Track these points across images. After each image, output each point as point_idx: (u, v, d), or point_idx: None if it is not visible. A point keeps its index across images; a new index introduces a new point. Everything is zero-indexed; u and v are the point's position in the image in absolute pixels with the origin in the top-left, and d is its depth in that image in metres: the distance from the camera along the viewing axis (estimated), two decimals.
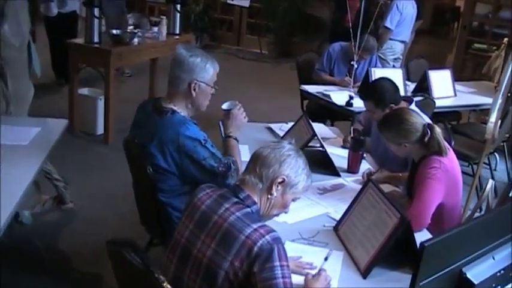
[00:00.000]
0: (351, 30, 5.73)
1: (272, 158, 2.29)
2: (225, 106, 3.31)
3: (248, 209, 2.23)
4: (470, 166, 5.53)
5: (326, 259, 2.56)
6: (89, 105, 6.44)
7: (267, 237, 2.09)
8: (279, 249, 2.09)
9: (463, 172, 5.81)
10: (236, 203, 2.23)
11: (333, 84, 5.95)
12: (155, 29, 6.92)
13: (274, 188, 2.28)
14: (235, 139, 3.24)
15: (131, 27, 6.98)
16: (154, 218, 3.17)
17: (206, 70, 3.07)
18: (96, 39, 6.08)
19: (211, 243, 2.15)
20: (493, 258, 1.93)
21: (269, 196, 2.30)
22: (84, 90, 6.58)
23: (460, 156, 5.49)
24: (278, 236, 2.14)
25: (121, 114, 5.78)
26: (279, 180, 2.28)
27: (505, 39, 8.05)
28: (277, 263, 2.07)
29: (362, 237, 2.63)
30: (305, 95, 5.97)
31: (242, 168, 3.02)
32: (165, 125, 3.00)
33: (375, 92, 3.79)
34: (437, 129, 3.14)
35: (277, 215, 2.42)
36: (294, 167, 2.30)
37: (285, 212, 2.43)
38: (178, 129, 2.97)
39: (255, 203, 2.27)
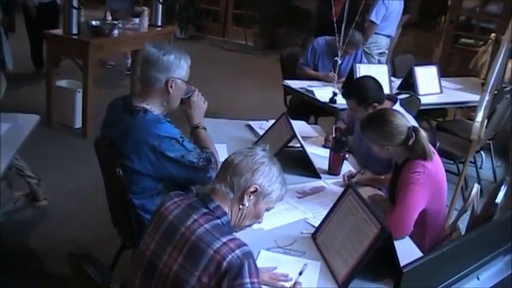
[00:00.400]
0: (335, 24, 5.59)
1: (244, 166, 2.15)
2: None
3: (218, 221, 2.09)
4: (455, 164, 5.42)
5: (301, 273, 2.43)
6: (67, 98, 6.28)
7: (237, 251, 1.96)
8: (249, 265, 1.96)
9: (448, 171, 5.73)
10: (205, 214, 2.09)
11: (317, 79, 5.83)
12: (136, 20, 6.76)
13: (246, 197, 2.15)
14: (204, 128, 3.14)
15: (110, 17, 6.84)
16: (125, 220, 3.04)
17: (181, 67, 2.96)
18: (74, 30, 5.91)
19: (178, 257, 2.02)
20: (478, 279, 1.81)
21: (241, 206, 2.17)
22: (62, 82, 6.42)
23: (446, 155, 5.42)
24: (249, 250, 2.01)
25: (100, 107, 5.60)
26: (252, 189, 2.15)
27: (492, 35, 7.94)
28: (247, 280, 1.94)
29: (340, 246, 2.51)
30: (288, 90, 5.83)
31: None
32: (138, 125, 2.86)
33: (357, 90, 3.67)
34: (423, 133, 3.02)
35: (249, 225, 2.29)
36: (267, 176, 2.17)
37: (258, 222, 2.30)
38: (152, 129, 2.84)
39: (225, 213, 2.14)
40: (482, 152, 6.25)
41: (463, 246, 1.76)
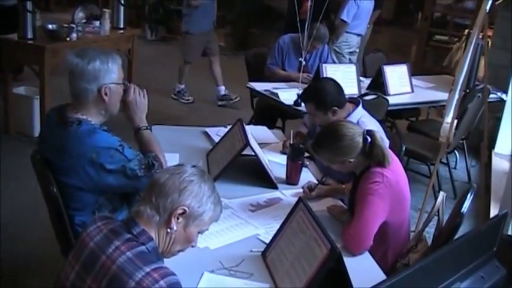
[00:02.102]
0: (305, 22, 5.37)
1: (170, 186, 1.93)
2: None
3: (143, 247, 1.87)
4: (428, 166, 5.25)
5: None
6: (24, 105, 6.01)
7: (161, 282, 1.75)
8: None
9: (420, 173, 5.64)
10: (128, 240, 1.87)
11: (288, 79, 5.58)
12: (97, 23, 6.51)
13: (173, 220, 1.94)
14: (147, 128, 2.91)
15: (83, 20, 6.58)
16: (65, 239, 2.82)
17: (111, 70, 2.72)
18: (30, 35, 5.66)
19: None
20: None
21: (168, 230, 1.95)
22: (20, 89, 6.16)
23: (416, 156, 5.26)
24: (176, 280, 1.80)
25: None
26: (179, 211, 1.93)
27: (467, 31, 7.79)
28: None
29: (290, 267, 2.29)
30: (253, 93, 5.62)
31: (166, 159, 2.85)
32: (72, 137, 2.65)
33: (316, 94, 3.47)
34: (378, 135, 2.81)
35: (182, 250, 2.07)
36: (197, 195, 1.95)
37: (192, 246, 2.07)
38: (88, 141, 2.63)
39: (151, 239, 1.92)
40: (456, 152, 6.07)
41: (412, 277, 1.54)
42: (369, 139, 2.77)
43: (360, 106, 3.56)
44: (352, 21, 7.03)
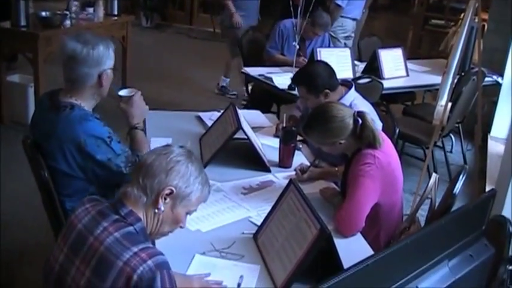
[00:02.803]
0: (302, 7, 5.34)
1: (157, 167, 1.93)
2: (123, 92, 2.96)
3: (130, 228, 1.87)
4: (423, 150, 5.24)
5: (239, 285, 2.21)
6: (19, 93, 5.99)
7: (149, 262, 1.75)
8: (162, 277, 1.75)
9: (415, 157, 5.63)
10: (116, 221, 1.87)
11: (286, 64, 5.56)
12: (91, 9, 6.48)
13: (161, 201, 1.93)
14: (142, 130, 2.93)
15: (76, 8, 6.53)
16: (58, 226, 2.81)
17: (110, 56, 2.77)
18: (23, 23, 5.61)
19: (86, 271, 1.80)
20: None
21: (156, 211, 1.95)
22: (14, 77, 6.14)
23: (411, 140, 5.25)
24: (164, 260, 1.80)
25: None
26: (166, 191, 1.93)
27: (462, 14, 7.75)
28: None
29: (280, 249, 2.29)
30: (248, 78, 5.60)
31: None
32: (63, 122, 2.65)
33: (307, 77, 3.46)
34: (369, 117, 2.80)
35: (170, 231, 2.06)
36: (184, 176, 1.95)
37: (181, 227, 2.07)
38: (78, 127, 2.64)
39: (139, 219, 1.91)
40: (452, 136, 6.06)
41: (399, 253, 1.54)
42: (360, 120, 2.76)
43: (353, 89, 3.54)
44: (346, 6, 6.98)
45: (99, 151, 2.64)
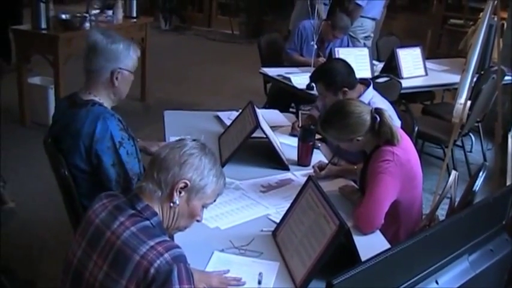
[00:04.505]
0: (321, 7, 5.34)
1: (171, 160, 1.94)
2: None
3: (147, 222, 1.89)
4: (442, 149, 5.21)
5: (260, 283, 2.21)
6: (39, 95, 6.06)
7: (166, 255, 1.76)
8: (179, 270, 1.76)
9: (435, 156, 5.60)
10: (133, 216, 1.88)
11: (305, 65, 5.55)
12: (109, 12, 6.52)
13: (175, 194, 1.94)
14: None
15: (97, 11, 6.58)
16: (77, 222, 2.82)
17: (130, 57, 2.78)
18: (43, 25, 5.68)
19: (104, 265, 1.82)
20: (436, 283, 1.59)
21: (171, 205, 1.95)
22: (35, 79, 6.23)
23: (431, 139, 5.23)
24: (180, 253, 1.81)
25: None
26: (181, 185, 1.93)
27: (481, 13, 7.69)
28: (176, 287, 1.74)
29: (299, 245, 2.29)
30: (266, 78, 5.61)
31: None
32: (82, 117, 2.68)
33: (325, 74, 3.46)
34: (386, 113, 2.79)
35: (187, 226, 2.07)
36: (198, 168, 1.95)
37: (198, 221, 2.08)
38: (96, 123, 2.65)
39: (155, 214, 1.92)
40: (471, 135, 6.02)
41: (416, 247, 1.53)
42: (377, 117, 2.75)
43: (371, 87, 3.53)
44: (366, 5, 6.95)
45: (106, 154, 2.65)
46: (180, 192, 1.95)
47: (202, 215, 2.07)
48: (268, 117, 3.75)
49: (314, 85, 3.57)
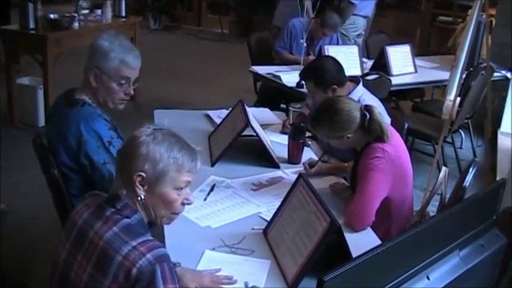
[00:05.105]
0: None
1: (123, 158, 1.93)
2: None
3: (128, 220, 1.87)
4: (432, 146, 5.23)
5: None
6: (29, 95, 6.06)
7: (148, 256, 1.75)
8: (163, 270, 1.75)
9: (425, 153, 5.62)
10: (113, 214, 1.87)
11: (295, 63, 5.54)
12: (98, 11, 6.50)
13: (137, 189, 1.90)
14: None
15: (86, 11, 6.56)
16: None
17: (108, 59, 2.67)
18: (31, 25, 5.68)
19: (88, 266, 1.81)
20: (428, 278, 1.59)
21: (139, 199, 1.92)
22: (24, 80, 6.21)
23: (421, 136, 5.24)
24: (163, 253, 1.80)
25: None
26: (138, 179, 1.89)
27: (470, 11, 7.71)
28: (161, 287, 1.74)
29: (290, 243, 2.29)
30: (256, 76, 5.61)
31: None
32: (71, 116, 2.66)
33: (315, 71, 3.45)
34: (376, 110, 2.79)
35: (175, 212, 2.01)
36: (147, 157, 1.88)
37: (187, 204, 2.03)
38: (83, 124, 2.64)
39: (135, 212, 1.90)
40: (461, 132, 6.05)
41: (407, 242, 1.53)
42: (367, 114, 2.75)
43: (361, 84, 3.53)
44: (359, 3, 6.94)
45: (97, 152, 2.63)
46: (142, 186, 1.90)
47: (189, 197, 2.02)
48: (258, 115, 3.74)
49: (304, 83, 3.55)
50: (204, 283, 2.14)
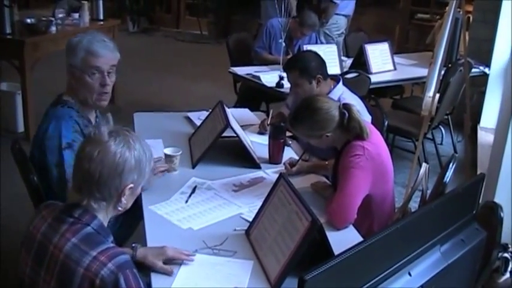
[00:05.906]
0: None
1: (108, 175, 1.85)
2: (168, 151, 3.03)
3: (88, 228, 1.85)
4: (413, 142, 5.25)
5: None
6: (7, 101, 5.97)
7: (109, 265, 1.74)
8: (126, 277, 1.75)
9: (406, 150, 5.64)
10: (72, 224, 1.84)
11: (274, 63, 5.54)
12: (76, 15, 6.45)
13: (123, 199, 1.92)
14: None
15: (63, 14, 6.50)
16: None
17: (75, 53, 2.67)
18: (8, 30, 5.58)
19: (51, 281, 1.80)
20: (409, 275, 1.60)
21: (120, 208, 1.95)
22: (2, 85, 6.13)
23: (401, 133, 5.26)
24: (125, 259, 1.79)
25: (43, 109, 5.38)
26: (127, 191, 1.91)
27: (447, 8, 7.76)
28: None
29: (273, 242, 2.28)
30: (236, 77, 5.60)
31: None
32: (48, 114, 2.69)
33: (299, 61, 3.47)
34: (354, 108, 2.80)
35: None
36: (136, 168, 1.89)
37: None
38: (53, 121, 2.64)
39: (94, 217, 1.88)
40: (441, 128, 6.08)
41: (390, 238, 1.53)
42: (346, 112, 2.76)
43: (341, 83, 3.55)
44: (341, 3, 6.95)
45: (53, 152, 2.60)
46: (126, 195, 1.92)
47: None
48: (238, 116, 3.73)
49: (287, 76, 3.55)
50: (168, 255, 2.18)
